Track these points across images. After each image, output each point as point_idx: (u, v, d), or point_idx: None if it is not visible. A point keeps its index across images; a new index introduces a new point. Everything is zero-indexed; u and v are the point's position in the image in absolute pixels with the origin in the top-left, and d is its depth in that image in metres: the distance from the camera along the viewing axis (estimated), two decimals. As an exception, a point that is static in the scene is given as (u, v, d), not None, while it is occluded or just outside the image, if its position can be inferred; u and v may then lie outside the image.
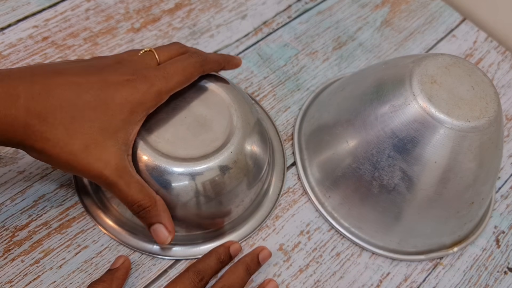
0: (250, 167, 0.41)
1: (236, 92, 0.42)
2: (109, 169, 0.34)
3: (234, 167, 0.39)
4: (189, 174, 0.38)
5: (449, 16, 0.64)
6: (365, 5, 0.63)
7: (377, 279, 0.44)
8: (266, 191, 0.46)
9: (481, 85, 0.40)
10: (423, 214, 0.43)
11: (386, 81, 0.42)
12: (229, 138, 0.39)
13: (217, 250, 0.40)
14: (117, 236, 0.42)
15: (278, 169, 0.48)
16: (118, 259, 0.40)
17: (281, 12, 0.60)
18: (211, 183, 0.38)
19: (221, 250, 0.40)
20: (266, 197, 0.46)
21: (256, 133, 0.42)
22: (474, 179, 0.41)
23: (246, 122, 0.41)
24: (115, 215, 0.42)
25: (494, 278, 0.46)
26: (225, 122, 0.40)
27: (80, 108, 0.33)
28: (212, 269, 0.39)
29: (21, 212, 0.42)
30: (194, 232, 0.42)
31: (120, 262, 0.39)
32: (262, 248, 0.42)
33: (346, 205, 0.45)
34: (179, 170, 0.37)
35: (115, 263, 0.39)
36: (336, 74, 0.56)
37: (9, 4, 0.53)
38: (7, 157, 0.44)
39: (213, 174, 0.38)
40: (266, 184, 0.45)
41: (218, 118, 0.40)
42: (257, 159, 0.42)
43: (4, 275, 0.39)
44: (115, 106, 0.34)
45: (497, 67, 0.61)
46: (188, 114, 0.40)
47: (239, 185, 0.40)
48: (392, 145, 0.40)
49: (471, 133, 0.38)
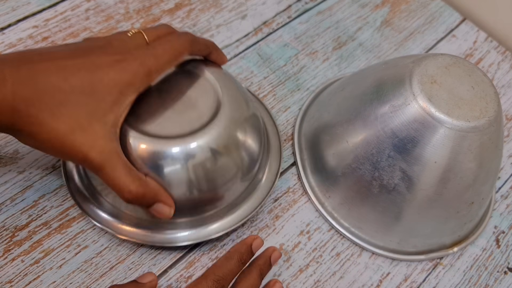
0: (241, 142, 0.41)
1: (224, 75, 0.42)
2: (95, 152, 0.33)
3: (223, 144, 0.39)
4: (178, 153, 0.37)
5: (449, 16, 0.64)
6: (365, 5, 0.63)
7: (377, 279, 0.44)
8: (260, 179, 0.45)
9: (481, 85, 0.40)
10: (423, 214, 0.43)
11: (386, 81, 0.42)
12: (215, 115, 0.39)
13: (239, 250, 0.38)
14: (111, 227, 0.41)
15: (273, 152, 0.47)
16: (148, 275, 0.37)
17: (281, 12, 0.60)
18: (201, 162, 0.38)
19: (244, 249, 0.38)
20: (260, 184, 0.45)
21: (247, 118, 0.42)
22: (474, 179, 0.41)
23: (234, 99, 0.41)
24: (107, 207, 0.41)
25: (494, 278, 0.46)
26: (210, 100, 0.40)
27: (67, 92, 0.33)
28: (233, 273, 0.37)
29: (21, 212, 0.42)
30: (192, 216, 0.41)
31: (148, 280, 0.36)
32: (274, 249, 0.40)
33: (346, 205, 0.45)
34: (167, 149, 0.37)
35: (143, 278, 0.36)
36: (336, 74, 0.56)
37: (9, 4, 0.53)
38: (7, 157, 0.44)
39: (203, 150, 0.38)
40: (260, 171, 0.45)
41: (203, 97, 0.40)
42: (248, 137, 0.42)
43: (4, 275, 0.39)
44: (103, 88, 0.34)
45: (497, 67, 0.61)
46: (174, 96, 0.40)
47: (229, 162, 0.40)
48: (392, 145, 0.40)
49: (471, 133, 0.38)
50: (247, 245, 0.38)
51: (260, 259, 0.38)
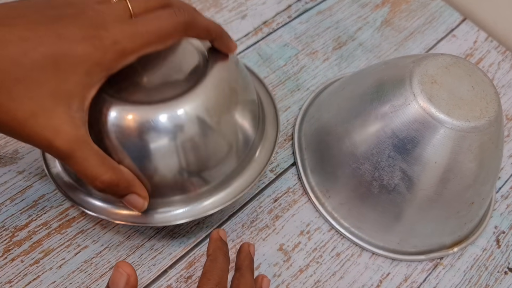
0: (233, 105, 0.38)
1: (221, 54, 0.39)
2: (61, 140, 0.29)
3: (212, 108, 0.36)
4: (166, 121, 0.34)
5: (449, 16, 0.64)
6: (365, 5, 0.63)
7: (377, 279, 0.44)
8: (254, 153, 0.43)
9: (481, 85, 0.40)
10: (423, 214, 0.43)
11: (386, 81, 0.42)
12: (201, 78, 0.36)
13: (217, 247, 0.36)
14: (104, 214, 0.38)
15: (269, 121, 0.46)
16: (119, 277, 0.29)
17: (281, 12, 0.60)
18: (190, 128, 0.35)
19: (220, 244, 0.36)
20: (254, 158, 0.43)
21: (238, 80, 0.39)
22: (474, 179, 0.41)
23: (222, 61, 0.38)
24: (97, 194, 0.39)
25: (494, 278, 0.46)
26: (195, 62, 0.37)
27: (27, 69, 0.28)
28: (225, 272, 0.34)
29: (21, 212, 0.42)
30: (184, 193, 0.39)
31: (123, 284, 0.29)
32: (248, 244, 0.38)
33: (346, 205, 0.45)
34: (154, 117, 0.34)
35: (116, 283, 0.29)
36: (336, 74, 0.56)
37: (9, 4, 0.53)
38: (7, 157, 0.44)
39: (191, 117, 0.35)
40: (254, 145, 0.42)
41: (188, 60, 0.37)
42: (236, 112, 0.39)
43: (3, 275, 0.39)
44: (67, 66, 0.29)
45: (497, 67, 0.61)
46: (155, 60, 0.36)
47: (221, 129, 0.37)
48: (392, 145, 0.40)
49: (471, 133, 0.38)
50: (219, 240, 0.36)
51: (245, 259, 0.37)
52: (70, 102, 0.30)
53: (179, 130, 0.35)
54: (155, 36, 0.32)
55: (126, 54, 0.31)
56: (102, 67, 0.30)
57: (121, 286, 0.28)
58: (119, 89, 0.34)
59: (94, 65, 0.30)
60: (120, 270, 0.29)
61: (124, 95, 0.34)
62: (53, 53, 0.29)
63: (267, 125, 0.45)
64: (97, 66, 0.30)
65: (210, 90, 0.36)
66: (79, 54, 0.29)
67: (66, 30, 0.29)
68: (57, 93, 0.29)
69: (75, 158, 0.30)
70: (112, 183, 0.32)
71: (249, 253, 0.38)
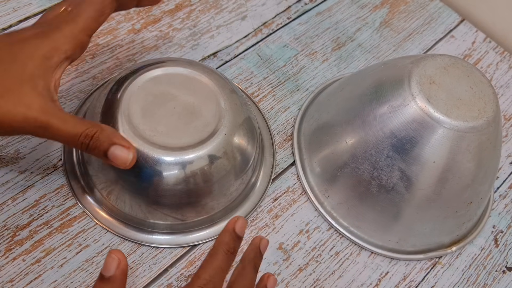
0: (243, 147, 0.43)
1: (220, 79, 0.43)
2: (34, 111, 0.33)
3: (230, 149, 0.41)
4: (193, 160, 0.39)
5: (447, 16, 0.64)
6: (364, 6, 0.63)
7: (376, 278, 0.44)
8: (254, 183, 0.46)
9: (479, 86, 0.41)
10: (421, 213, 0.43)
11: (385, 81, 0.42)
12: (220, 121, 0.41)
13: (223, 241, 0.33)
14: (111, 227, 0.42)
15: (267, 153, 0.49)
16: (111, 261, 0.30)
17: (281, 13, 0.60)
18: (209, 167, 0.40)
19: (228, 238, 0.33)
20: (254, 189, 0.46)
21: (243, 125, 0.43)
22: (472, 179, 0.41)
23: (234, 103, 0.42)
24: (108, 206, 0.42)
25: (492, 277, 0.46)
26: (213, 107, 0.41)
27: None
28: (222, 270, 0.33)
29: (22, 211, 0.42)
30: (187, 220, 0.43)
31: (114, 267, 0.30)
32: (260, 238, 0.35)
33: (345, 205, 0.45)
34: (183, 158, 0.39)
35: (108, 268, 0.30)
36: (335, 74, 0.56)
37: (10, 4, 0.53)
38: (8, 157, 0.44)
39: (213, 157, 0.40)
40: (254, 174, 0.46)
41: (206, 104, 0.41)
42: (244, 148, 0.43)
43: (5, 274, 0.39)
44: (24, 56, 0.34)
45: (495, 68, 0.61)
46: (176, 104, 0.41)
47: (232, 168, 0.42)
48: (391, 145, 0.40)
49: (470, 133, 0.39)
50: (230, 232, 0.34)
51: (251, 253, 0.35)
52: (35, 83, 0.33)
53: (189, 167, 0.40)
54: (90, 11, 0.37)
55: (76, 35, 0.36)
56: (59, 50, 0.35)
57: (113, 269, 0.30)
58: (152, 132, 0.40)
59: (50, 50, 0.35)
60: (112, 255, 0.30)
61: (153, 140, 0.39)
62: (10, 49, 0.34)
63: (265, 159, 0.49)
64: (54, 50, 0.35)
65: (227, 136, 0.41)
66: (33, 45, 0.34)
67: (19, 33, 0.35)
68: (19, 76, 0.33)
69: (53, 125, 0.33)
70: (94, 137, 0.34)
71: (257, 247, 0.35)
